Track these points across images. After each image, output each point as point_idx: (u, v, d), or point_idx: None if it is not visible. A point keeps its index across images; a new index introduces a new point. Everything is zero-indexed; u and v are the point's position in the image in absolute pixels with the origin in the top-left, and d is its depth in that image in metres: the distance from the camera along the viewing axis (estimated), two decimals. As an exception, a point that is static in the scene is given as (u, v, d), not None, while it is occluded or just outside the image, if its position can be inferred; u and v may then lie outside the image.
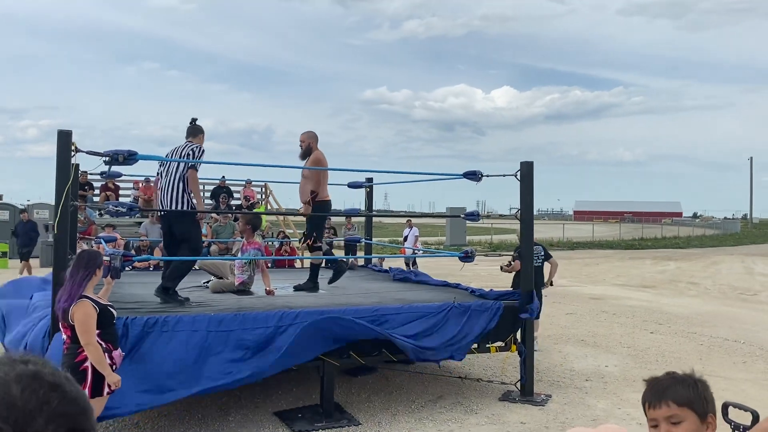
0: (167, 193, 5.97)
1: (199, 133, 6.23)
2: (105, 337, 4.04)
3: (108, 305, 4.15)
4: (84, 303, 3.93)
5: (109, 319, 4.11)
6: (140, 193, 14.77)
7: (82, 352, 3.92)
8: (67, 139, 4.94)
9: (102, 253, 4.53)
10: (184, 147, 6.07)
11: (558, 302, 12.82)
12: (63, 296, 4.00)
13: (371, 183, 9.43)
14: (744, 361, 7.93)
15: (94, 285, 4.13)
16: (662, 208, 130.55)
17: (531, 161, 6.38)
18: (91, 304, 3.96)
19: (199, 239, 6.24)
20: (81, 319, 3.89)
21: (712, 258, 27.80)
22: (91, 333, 3.91)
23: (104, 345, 4.01)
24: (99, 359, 3.91)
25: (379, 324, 5.48)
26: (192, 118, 6.29)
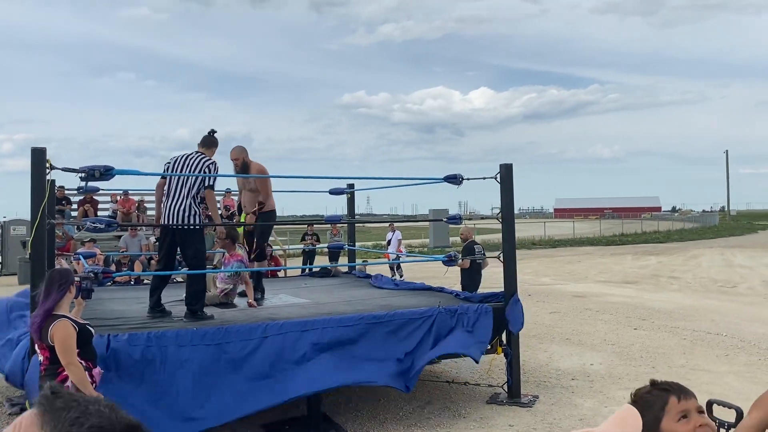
0: (176, 207, 5.70)
1: (213, 146, 6.04)
2: (84, 356, 4.00)
3: (86, 323, 4.11)
4: (63, 323, 3.88)
5: (88, 338, 4.07)
6: (119, 206, 14.60)
7: (62, 372, 3.87)
8: (41, 156, 4.86)
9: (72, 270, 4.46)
10: (197, 160, 5.78)
11: (541, 301, 12.89)
12: (38, 317, 3.94)
13: (353, 189, 9.42)
14: (726, 354, 8.03)
15: (69, 303, 4.09)
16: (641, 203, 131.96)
17: (510, 164, 6.40)
18: (71, 324, 3.90)
19: (204, 257, 6.05)
20: (61, 339, 3.84)
21: (692, 251, 28.15)
22: (72, 353, 3.86)
23: (84, 363, 3.97)
24: (81, 379, 3.86)
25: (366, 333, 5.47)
26: (211, 129, 6.10)
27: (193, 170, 5.75)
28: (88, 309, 6.45)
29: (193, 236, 5.80)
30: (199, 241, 5.90)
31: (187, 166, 5.78)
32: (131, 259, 12.11)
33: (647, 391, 1.82)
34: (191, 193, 5.74)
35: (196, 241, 5.82)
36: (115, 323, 5.51)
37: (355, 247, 10.49)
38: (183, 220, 5.69)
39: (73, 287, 4.08)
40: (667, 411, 1.72)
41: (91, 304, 6.86)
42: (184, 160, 5.83)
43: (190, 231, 5.76)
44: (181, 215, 5.69)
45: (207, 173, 5.75)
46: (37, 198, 4.84)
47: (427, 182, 7.24)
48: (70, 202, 14.87)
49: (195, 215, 5.74)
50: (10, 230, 22.24)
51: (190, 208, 5.71)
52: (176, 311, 6.01)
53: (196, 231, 5.81)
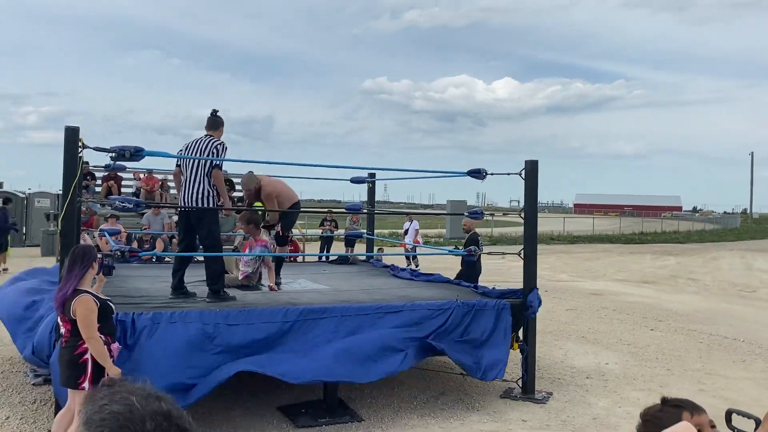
0: (190, 190, 5.81)
1: (219, 126, 6.08)
2: (104, 330, 4.13)
3: (107, 299, 4.24)
4: (86, 298, 4.01)
5: (108, 313, 4.20)
6: (142, 184, 14.76)
7: (81, 345, 4.01)
8: (74, 135, 4.96)
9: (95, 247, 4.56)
10: (207, 143, 5.87)
11: (558, 298, 12.87)
12: (61, 291, 4.07)
13: (374, 179, 9.45)
14: (743, 360, 7.98)
15: (91, 279, 4.22)
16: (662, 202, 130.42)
17: (536, 160, 6.39)
18: (93, 299, 4.04)
19: (219, 237, 6.16)
20: (83, 313, 3.97)
21: (712, 253, 27.85)
22: (93, 327, 4.00)
23: (104, 338, 4.09)
24: (101, 352, 4.00)
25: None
26: (213, 109, 6.13)
27: (202, 153, 5.83)
28: (113, 286, 6.59)
29: (206, 217, 5.90)
30: (213, 221, 6.00)
31: (198, 151, 5.87)
32: (153, 237, 12.26)
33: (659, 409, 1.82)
34: (203, 174, 5.83)
35: (209, 222, 5.93)
36: (139, 301, 5.62)
37: (374, 236, 10.53)
38: (196, 203, 5.79)
39: (96, 263, 4.20)
40: None
41: (115, 281, 7.01)
42: (195, 145, 5.93)
43: (205, 212, 5.87)
44: (195, 197, 5.80)
45: (215, 154, 5.83)
46: (69, 176, 4.94)
47: (451, 176, 7.25)
48: (94, 177, 15.04)
49: (209, 197, 5.83)
50: (34, 202, 22.59)
51: (204, 190, 5.80)
52: (199, 292, 6.11)
53: (210, 212, 5.91)
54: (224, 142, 5.96)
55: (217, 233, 6.05)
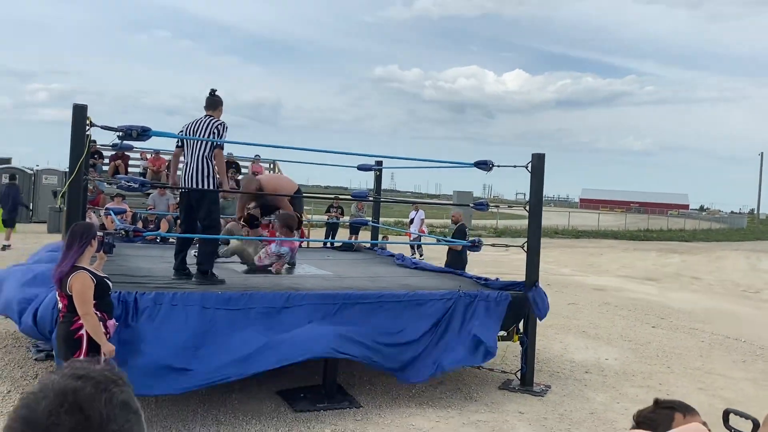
0: (191, 170, 5.79)
1: (218, 105, 6.04)
2: (100, 307, 4.16)
3: (104, 276, 4.26)
4: (82, 274, 4.03)
5: (105, 290, 4.22)
6: (149, 164, 14.79)
7: (77, 321, 4.05)
8: (82, 113, 4.97)
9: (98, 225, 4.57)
10: (207, 123, 5.83)
11: (560, 291, 12.87)
12: (60, 267, 4.10)
13: (380, 167, 9.44)
14: (744, 360, 7.98)
15: (90, 256, 4.23)
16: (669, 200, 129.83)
17: (543, 153, 6.37)
18: (89, 276, 4.06)
19: (218, 218, 6.16)
20: (79, 289, 4.00)
21: (717, 253, 27.77)
22: (89, 303, 4.03)
23: (99, 315, 4.12)
24: (95, 329, 4.03)
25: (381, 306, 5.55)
26: (211, 89, 6.08)
27: (203, 134, 5.80)
28: (116, 265, 6.62)
29: (206, 197, 5.88)
30: (213, 202, 5.98)
31: (199, 132, 5.83)
32: (158, 218, 12.30)
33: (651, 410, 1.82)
34: (204, 155, 5.80)
35: (209, 202, 5.90)
36: (141, 281, 5.64)
37: (379, 224, 10.54)
38: (197, 183, 5.78)
39: (95, 241, 4.21)
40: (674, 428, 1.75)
41: (119, 260, 7.04)
42: (195, 126, 5.89)
43: (204, 192, 5.85)
44: (196, 178, 5.78)
45: (216, 135, 5.80)
46: (76, 153, 4.96)
47: (458, 166, 7.23)
48: (102, 156, 15.08)
49: (209, 177, 5.80)
50: (41, 179, 22.69)
51: (203, 170, 5.77)
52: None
53: (209, 193, 5.89)
54: (224, 122, 5.92)
55: (216, 214, 6.05)
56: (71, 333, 4.05)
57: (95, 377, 0.86)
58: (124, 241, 8.54)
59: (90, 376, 0.85)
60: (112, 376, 0.88)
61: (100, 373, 0.87)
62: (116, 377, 0.88)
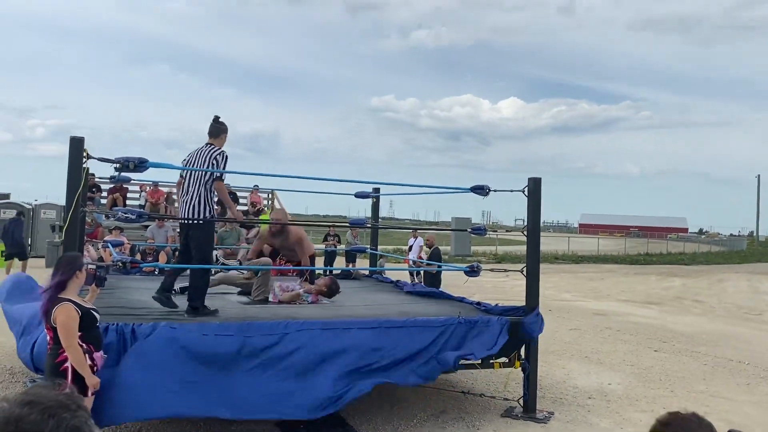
0: (187, 201, 5.74)
1: (221, 133, 5.95)
2: (87, 339, 4.12)
3: (91, 308, 4.22)
4: (66, 306, 4.01)
5: (92, 322, 4.18)
6: (147, 196, 14.83)
7: (62, 353, 4.02)
8: (79, 146, 4.99)
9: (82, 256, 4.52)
10: (207, 153, 5.77)
11: (562, 317, 12.79)
12: (44, 299, 4.07)
13: (378, 194, 9.46)
14: (748, 383, 7.89)
15: (77, 288, 4.20)
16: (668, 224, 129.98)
17: (539, 177, 6.39)
18: (74, 307, 4.03)
19: (209, 251, 6.09)
20: (63, 321, 3.98)
21: (717, 275, 27.68)
22: (72, 335, 4.00)
23: (85, 347, 4.08)
24: (79, 361, 4.00)
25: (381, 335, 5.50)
26: (215, 116, 6.00)
27: (202, 164, 5.74)
28: (114, 297, 6.59)
29: (200, 230, 5.79)
30: (206, 234, 5.89)
31: (198, 162, 5.78)
32: (157, 250, 12.28)
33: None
34: (202, 186, 5.73)
35: (203, 235, 5.82)
36: (139, 313, 5.61)
37: (377, 251, 10.52)
38: (192, 215, 5.72)
39: (81, 272, 4.18)
40: None
41: (117, 292, 7.01)
42: (197, 155, 5.84)
43: (199, 225, 5.76)
44: (193, 209, 5.72)
45: (215, 165, 5.73)
46: (73, 186, 4.97)
47: (454, 191, 7.25)
48: (100, 190, 15.13)
49: (204, 208, 5.73)
50: (40, 214, 22.70)
51: (199, 201, 5.71)
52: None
53: (204, 224, 5.80)
54: (224, 152, 5.84)
55: (207, 247, 5.96)
56: (56, 365, 4.01)
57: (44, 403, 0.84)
58: (121, 273, 8.52)
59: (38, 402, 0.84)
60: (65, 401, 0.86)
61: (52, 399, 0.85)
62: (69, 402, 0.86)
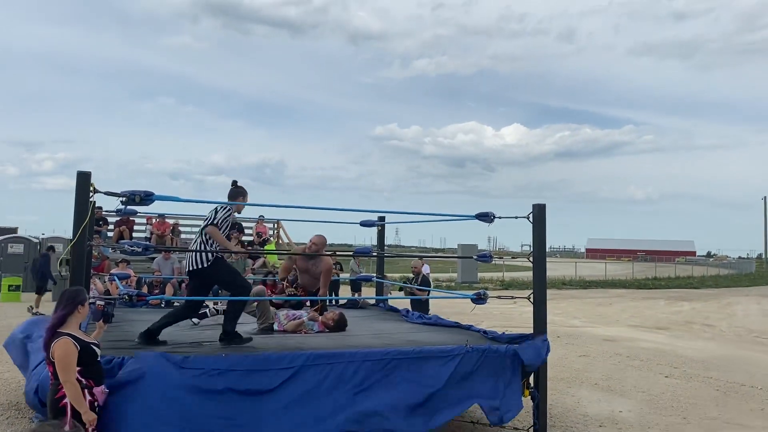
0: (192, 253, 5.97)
1: (238, 196, 6.17)
2: (86, 374, 4.08)
3: (91, 343, 4.19)
4: (64, 340, 3.98)
5: (91, 357, 4.14)
6: (154, 228, 14.88)
7: (62, 389, 3.98)
8: (86, 180, 5.04)
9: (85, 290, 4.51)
10: (213, 208, 6.08)
11: (571, 344, 12.68)
12: (44, 333, 4.07)
13: (383, 222, 9.47)
14: (762, 408, 7.77)
15: (78, 322, 4.19)
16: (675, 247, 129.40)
17: (543, 204, 6.39)
18: (72, 342, 4.00)
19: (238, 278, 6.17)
20: (60, 356, 3.95)
21: (727, 299, 27.44)
22: (70, 370, 3.96)
23: (84, 382, 4.04)
24: (76, 397, 3.96)
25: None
26: (233, 180, 6.27)
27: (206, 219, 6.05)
28: (120, 330, 6.59)
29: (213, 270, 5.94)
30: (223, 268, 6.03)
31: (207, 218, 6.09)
32: (163, 282, 12.28)
33: None
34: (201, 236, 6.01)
35: (218, 273, 5.99)
36: (146, 346, 5.58)
37: (384, 279, 10.49)
38: (195, 264, 5.90)
39: (83, 307, 4.17)
40: None
41: (123, 325, 7.01)
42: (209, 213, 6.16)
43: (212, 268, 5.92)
44: (195, 258, 5.91)
45: (213, 214, 5.98)
46: (80, 219, 5.00)
47: (459, 219, 7.25)
48: (107, 222, 15.19)
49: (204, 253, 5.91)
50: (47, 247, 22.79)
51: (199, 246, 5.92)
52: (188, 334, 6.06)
53: (216, 265, 5.96)
54: (227, 206, 6.05)
55: (236, 276, 6.13)
56: (56, 401, 3.98)
57: None
58: (128, 306, 8.51)
59: None
60: None
61: None
62: None
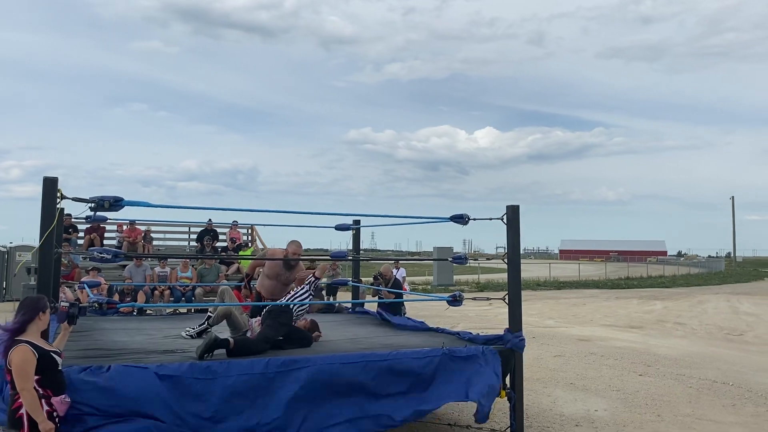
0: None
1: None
2: (44, 383, 3.98)
3: (52, 351, 4.08)
4: (22, 348, 3.90)
5: (51, 366, 4.04)
6: (125, 235, 14.64)
7: (19, 398, 3.89)
8: (52, 186, 4.92)
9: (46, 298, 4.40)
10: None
11: (546, 344, 12.77)
12: (2, 341, 3.96)
13: (358, 225, 9.44)
14: (733, 404, 7.90)
15: (39, 329, 4.10)
16: (647, 247, 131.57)
17: (517, 205, 6.42)
18: (30, 350, 3.91)
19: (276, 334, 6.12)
20: (17, 363, 3.87)
21: (698, 297, 27.91)
22: (27, 378, 3.87)
23: (42, 391, 3.94)
24: (32, 405, 3.87)
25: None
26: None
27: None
28: (91, 339, 6.45)
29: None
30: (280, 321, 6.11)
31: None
32: (134, 289, 12.08)
33: None
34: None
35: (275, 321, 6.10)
36: (117, 354, 5.48)
37: (360, 284, 10.46)
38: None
39: (44, 314, 4.08)
40: None
41: (94, 333, 6.87)
42: None
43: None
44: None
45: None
46: (46, 226, 4.88)
47: (434, 221, 7.26)
48: (76, 230, 14.91)
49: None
50: (15, 256, 22.32)
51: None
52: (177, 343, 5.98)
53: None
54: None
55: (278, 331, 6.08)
56: (13, 412, 3.88)
57: None
58: (99, 314, 8.36)
59: None
60: None
61: None
62: None
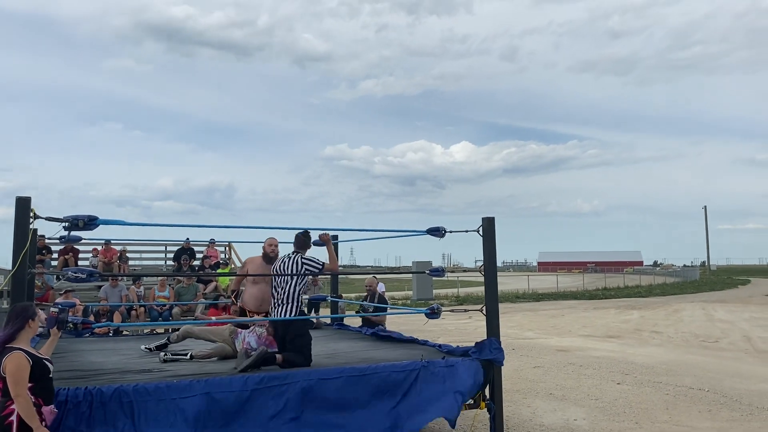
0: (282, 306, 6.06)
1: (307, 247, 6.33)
2: (36, 391, 3.95)
3: (44, 358, 4.07)
4: (16, 355, 3.88)
5: (44, 373, 4.02)
6: (100, 256, 14.46)
7: (9, 406, 3.86)
8: (25, 206, 4.88)
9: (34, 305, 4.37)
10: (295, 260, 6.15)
11: (525, 355, 12.84)
12: None
13: (336, 240, 9.45)
14: (709, 410, 8.01)
15: (29, 337, 4.08)
16: (623, 257, 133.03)
17: (492, 217, 6.50)
18: (24, 356, 3.90)
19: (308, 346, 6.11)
20: (12, 371, 3.85)
21: (673, 306, 28.28)
22: (22, 384, 3.86)
23: (33, 399, 3.91)
24: (28, 412, 3.84)
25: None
26: (306, 230, 6.38)
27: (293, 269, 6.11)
28: (66, 361, 6.37)
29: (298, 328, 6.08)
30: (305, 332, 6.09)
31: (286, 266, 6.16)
32: (110, 310, 11.92)
33: None
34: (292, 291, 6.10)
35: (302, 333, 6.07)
36: (93, 375, 5.41)
37: (339, 299, 10.45)
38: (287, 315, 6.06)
39: (33, 322, 4.08)
40: None
41: (70, 355, 6.78)
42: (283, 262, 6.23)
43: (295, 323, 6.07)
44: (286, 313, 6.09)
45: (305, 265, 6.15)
46: (20, 246, 4.83)
47: (411, 235, 7.31)
48: (50, 252, 14.68)
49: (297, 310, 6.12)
50: (-14, 279, 21.90)
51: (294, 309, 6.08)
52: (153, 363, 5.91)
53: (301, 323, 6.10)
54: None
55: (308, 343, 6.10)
56: (2, 419, 3.84)
57: None
58: (74, 335, 8.24)
59: None
60: None
61: None
62: None
